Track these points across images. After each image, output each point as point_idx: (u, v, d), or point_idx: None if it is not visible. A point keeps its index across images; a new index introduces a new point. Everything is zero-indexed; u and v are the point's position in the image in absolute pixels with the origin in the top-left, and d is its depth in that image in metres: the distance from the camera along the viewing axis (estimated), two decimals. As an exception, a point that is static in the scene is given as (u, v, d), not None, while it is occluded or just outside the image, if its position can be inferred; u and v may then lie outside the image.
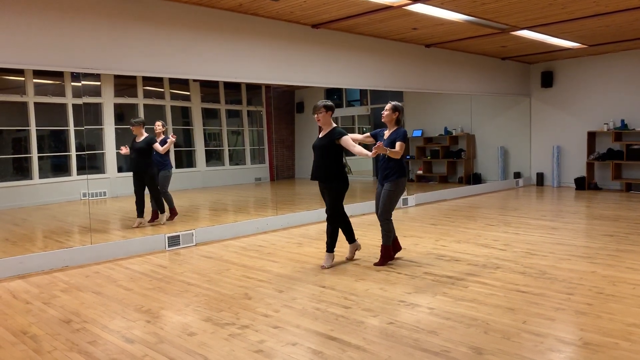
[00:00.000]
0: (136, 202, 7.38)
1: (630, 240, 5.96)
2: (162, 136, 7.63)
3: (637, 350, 3.02)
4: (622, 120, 10.54)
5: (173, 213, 7.75)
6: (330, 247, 5.16)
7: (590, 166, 11.07)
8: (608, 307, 3.76)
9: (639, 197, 9.68)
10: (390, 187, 5.01)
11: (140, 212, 7.37)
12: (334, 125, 5.08)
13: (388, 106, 5.10)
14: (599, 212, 8.06)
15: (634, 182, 10.49)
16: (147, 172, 7.34)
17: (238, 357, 3.08)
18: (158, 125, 7.67)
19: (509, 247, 5.80)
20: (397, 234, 5.39)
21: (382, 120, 5.16)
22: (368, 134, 5.37)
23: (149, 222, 7.50)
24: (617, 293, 4.07)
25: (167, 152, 7.63)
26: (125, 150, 7.44)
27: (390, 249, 5.18)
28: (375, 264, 5.13)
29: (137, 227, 7.27)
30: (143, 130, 7.35)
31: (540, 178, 12.02)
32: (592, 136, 11.05)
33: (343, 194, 5.10)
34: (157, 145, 7.37)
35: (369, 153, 4.73)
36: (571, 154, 11.48)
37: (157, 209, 7.49)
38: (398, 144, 4.89)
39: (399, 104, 5.16)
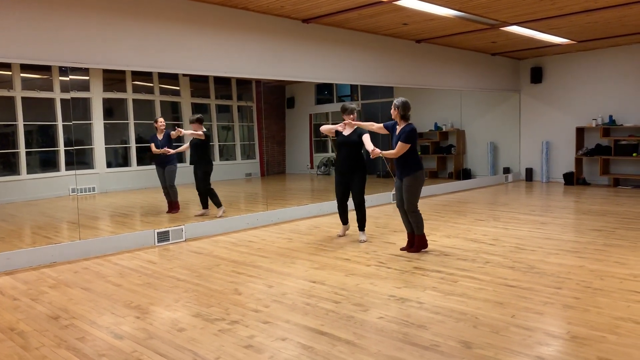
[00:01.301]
0: (199, 195, 7.76)
1: (618, 235, 6.02)
2: (164, 131, 7.90)
3: (623, 343, 3.05)
4: (610, 116, 10.62)
5: (175, 207, 7.97)
6: (362, 226, 6.04)
7: (578, 161, 11.16)
8: (595, 301, 3.80)
9: (627, 192, 9.78)
10: (410, 182, 5.24)
11: (204, 203, 7.73)
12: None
13: (392, 105, 5.30)
14: (587, 207, 8.13)
15: (621, 178, 10.59)
16: (206, 166, 7.59)
17: (228, 352, 3.08)
18: (162, 122, 7.96)
19: (498, 241, 5.84)
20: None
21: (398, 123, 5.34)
22: (382, 125, 5.55)
23: (167, 212, 7.83)
24: (605, 287, 4.11)
25: (172, 147, 7.90)
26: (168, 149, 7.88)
27: (424, 237, 5.43)
28: (409, 250, 5.40)
29: (200, 215, 7.61)
30: (199, 127, 7.59)
31: (529, 173, 12.10)
32: (580, 132, 11.13)
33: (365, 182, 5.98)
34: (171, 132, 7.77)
35: (370, 150, 5.43)
36: (560, 150, 11.56)
37: (212, 202, 7.66)
38: (398, 145, 5.15)
39: (399, 100, 5.26)
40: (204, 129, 7.58)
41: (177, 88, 11.58)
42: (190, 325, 3.51)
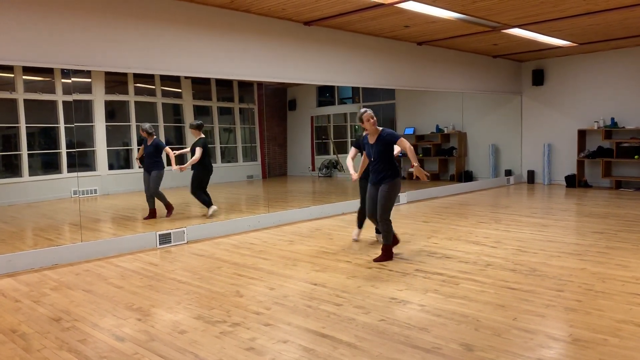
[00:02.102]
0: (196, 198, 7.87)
1: (620, 238, 6.01)
2: (152, 139, 7.83)
3: (625, 346, 3.05)
4: (612, 119, 10.61)
5: (169, 209, 7.89)
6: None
7: (580, 164, 11.14)
8: (597, 303, 3.79)
9: (629, 195, 9.76)
10: (388, 188, 5.09)
11: (204, 203, 7.81)
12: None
13: (365, 123, 5.07)
14: (589, 210, 8.12)
15: (623, 180, 10.58)
16: (201, 171, 7.65)
17: (229, 354, 3.08)
18: (142, 132, 7.88)
19: (499, 244, 5.83)
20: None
21: (370, 133, 5.17)
22: (364, 155, 5.38)
23: (144, 218, 7.72)
24: (607, 290, 4.10)
25: (160, 152, 7.82)
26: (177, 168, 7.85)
27: (391, 247, 5.26)
28: (375, 260, 5.20)
29: (212, 214, 7.71)
30: (198, 133, 7.75)
31: (531, 176, 12.08)
32: (582, 134, 11.12)
33: None
34: (168, 149, 7.83)
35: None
36: (562, 152, 11.55)
37: (204, 203, 7.74)
38: (403, 142, 4.95)
39: (369, 111, 5.11)
40: (202, 135, 7.70)
41: (179, 90, 11.62)
42: (192, 328, 3.52)
